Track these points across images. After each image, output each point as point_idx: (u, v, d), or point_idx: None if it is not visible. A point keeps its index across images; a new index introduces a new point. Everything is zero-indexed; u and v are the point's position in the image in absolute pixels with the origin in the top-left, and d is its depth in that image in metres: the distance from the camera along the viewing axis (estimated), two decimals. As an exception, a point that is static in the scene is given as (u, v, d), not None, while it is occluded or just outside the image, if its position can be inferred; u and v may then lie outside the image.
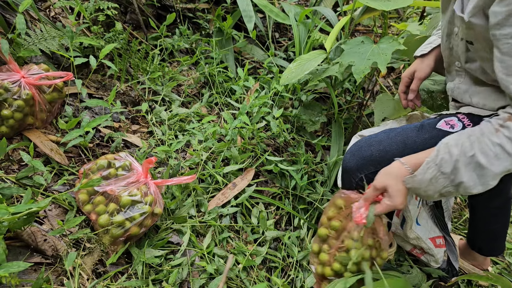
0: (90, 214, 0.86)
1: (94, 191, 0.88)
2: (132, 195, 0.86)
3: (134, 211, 0.85)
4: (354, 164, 0.86)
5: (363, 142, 0.88)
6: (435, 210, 1.15)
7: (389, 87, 1.87)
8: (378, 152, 0.84)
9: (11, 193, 0.82)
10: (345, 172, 0.90)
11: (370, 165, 0.84)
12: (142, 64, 1.37)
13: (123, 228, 0.84)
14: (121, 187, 0.88)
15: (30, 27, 1.17)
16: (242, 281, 0.93)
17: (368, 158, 0.84)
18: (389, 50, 0.94)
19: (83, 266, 0.82)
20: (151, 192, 0.90)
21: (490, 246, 1.12)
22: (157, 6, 1.61)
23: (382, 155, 0.83)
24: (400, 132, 0.84)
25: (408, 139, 0.82)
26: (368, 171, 0.85)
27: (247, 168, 1.19)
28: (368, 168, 0.84)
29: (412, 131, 0.83)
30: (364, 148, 0.86)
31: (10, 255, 0.77)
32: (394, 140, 0.83)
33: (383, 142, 0.84)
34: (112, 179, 0.89)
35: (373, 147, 0.85)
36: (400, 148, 0.82)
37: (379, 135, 0.87)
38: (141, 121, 1.28)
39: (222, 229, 1.03)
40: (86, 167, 0.92)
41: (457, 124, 0.78)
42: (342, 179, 0.93)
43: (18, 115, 0.97)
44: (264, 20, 1.77)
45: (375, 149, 0.84)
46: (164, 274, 0.87)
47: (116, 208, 0.85)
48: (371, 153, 0.84)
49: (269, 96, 1.34)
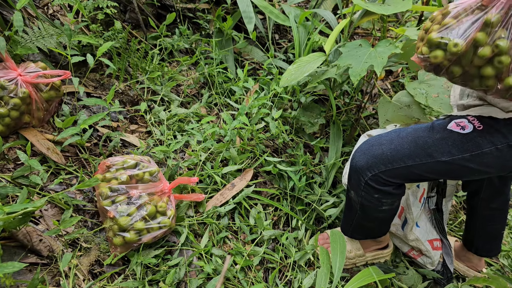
0: (108, 211, 0.83)
1: (116, 189, 0.85)
2: (158, 206, 0.85)
3: (154, 222, 0.84)
4: (364, 162, 0.86)
5: (373, 141, 0.88)
6: (435, 213, 1.16)
7: (387, 90, 1.88)
8: (389, 151, 0.84)
9: (6, 192, 0.80)
10: (354, 171, 0.89)
11: (381, 163, 0.84)
12: (141, 64, 1.36)
13: (140, 235, 0.83)
14: (145, 193, 0.86)
15: (27, 25, 1.16)
16: (240, 281, 0.93)
17: (379, 156, 0.84)
18: (386, 53, 0.94)
19: (79, 266, 0.81)
20: (172, 206, 0.89)
21: (487, 246, 1.13)
22: (157, 6, 1.60)
23: (393, 154, 0.83)
24: (411, 132, 0.85)
25: (419, 139, 0.82)
26: (378, 170, 0.85)
27: (246, 169, 1.18)
28: (379, 166, 0.84)
29: (423, 132, 0.83)
30: (375, 147, 0.86)
31: (5, 255, 0.76)
32: (405, 139, 0.83)
33: (394, 141, 0.84)
34: (136, 182, 0.87)
35: (384, 146, 0.85)
36: (412, 148, 0.82)
37: (389, 134, 0.87)
38: (140, 121, 1.28)
39: (220, 229, 1.02)
40: (110, 162, 0.89)
41: (467, 126, 0.79)
42: (349, 177, 0.93)
43: (14, 113, 0.96)
44: (264, 21, 1.77)
45: (386, 148, 0.84)
46: (161, 274, 0.86)
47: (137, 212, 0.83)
48: (382, 152, 0.84)
49: (269, 98, 1.34)
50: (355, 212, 0.97)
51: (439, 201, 1.16)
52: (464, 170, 0.79)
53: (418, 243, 1.11)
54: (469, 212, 1.16)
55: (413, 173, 0.83)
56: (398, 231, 1.13)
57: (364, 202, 0.91)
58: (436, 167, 0.80)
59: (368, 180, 0.86)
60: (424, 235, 1.12)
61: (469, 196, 1.14)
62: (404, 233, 1.11)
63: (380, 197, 0.88)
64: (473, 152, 0.77)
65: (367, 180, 0.86)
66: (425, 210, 1.15)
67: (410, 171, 0.82)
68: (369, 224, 1.00)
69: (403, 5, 1.03)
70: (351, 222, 1.01)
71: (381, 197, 0.88)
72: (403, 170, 0.83)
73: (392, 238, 1.18)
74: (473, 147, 0.76)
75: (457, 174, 0.83)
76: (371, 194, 0.88)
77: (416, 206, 1.08)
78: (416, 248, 1.14)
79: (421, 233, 1.11)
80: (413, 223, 1.09)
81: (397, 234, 1.14)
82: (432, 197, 1.15)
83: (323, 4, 1.74)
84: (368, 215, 0.95)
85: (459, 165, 0.79)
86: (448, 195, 1.17)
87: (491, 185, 1.06)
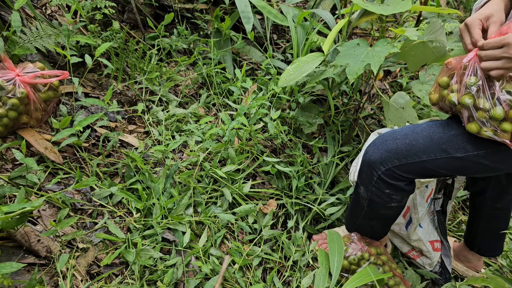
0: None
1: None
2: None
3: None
4: (378, 157, 0.86)
5: (387, 136, 0.88)
6: (440, 215, 1.16)
7: (386, 90, 1.88)
8: (404, 145, 0.84)
9: (3, 192, 0.80)
10: (367, 165, 0.89)
11: (395, 158, 0.84)
12: (140, 64, 1.36)
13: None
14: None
15: (25, 25, 1.16)
16: (238, 281, 0.93)
17: (394, 151, 0.84)
18: (383, 52, 0.94)
19: (77, 267, 0.81)
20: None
21: (490, 246, 1.13)
22: (155, 6, 1.60)
23: (408, 148, 0.83)
24: (426, 127, 0.85)
25: (435, 134, 0.83)
26: (392, 164, 0.85)
27: (245, 169, 1.18)
28: (393, 161, 0.85)
29: (438, 127, 0.84)
30: (389, 142, 0.86)
31: (3, 256, 0.76)
32: (420, 134, 0.84)
33: (408, 136, 0.85)
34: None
35: (399, 140, 0.85)
36: (427, 143, 0.82)
37: (404, 129, 0.88)
38: (138, 121, 1.28)
39: (219, 228, 1.02)
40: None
41: None
42: (360, 172, 0.93)
43: (12, 113, 0.96)
44: (262, 21, 1.77)
45: (401, 143, 0.84)
46: (159, 274, 0.86)
47: None
48: (397, 146, 0.84)
49: (267, 98, 1.34)
50: (361, 209, 0.97)
51: (444, 203, 1.16)
52: (478, 166, 0.80)
53: (420, 244, 1.11)
54: (472, 211, 1.16)
55: (427, 169, 0.83)
56: (401, 230, 1.13)
57: (373, 198, 0.91)
58: (451, 163, 0.81)
59: (381, 175, 0.86)
60: (426, 236, 1.12)
61: (473, 195, 1.14)
62: (408, 233, 1.11)
63: (391, 193, 0.88)
64: (488, 149, 0.78)
65: (380, 174, 0.86)
66: (428, 211, 1.15)
67: (424, 166, 0.83)
68: (373, 222, 1.00)
69: (402, 5, 1.03)
70: (356, 219, 1.02)
71: (392, 193, 0.88)
72: (417, 165, 0.84)
73: (392, 238, 1.19)
74: (488, 144, 0.77)
75: (470, 171, 0.84)
76: (382, 189, 0.88)
77: (423, 206, 1.08)
78: (417, 249, 1.14)
79: (423, 234, 1.11)
80: (418, 223, 1.09)
81: (400, 234, 1.14)
82: (439, 199, 1.15)
83: (321, 4, 1.74)
84: (375, 211, 0.95)
85: (473, 161, 0.79)
86: (453, 196, 1.17)
87: (498, 184, 1.07)
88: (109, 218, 0.94)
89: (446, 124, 0.83)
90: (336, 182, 1.33)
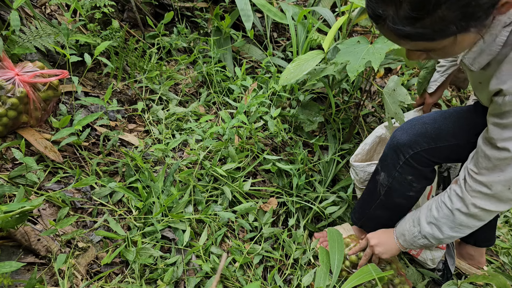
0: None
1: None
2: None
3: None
4: (406, 140, 0.88)
5: (415, 121, 0.90)
6: None
7: (387, 87, 1.87)
8: (433, 129, 0.86)
9: (3, 191, 0.80)
10: (394, 149, 0.90)
11: (424, 141, 0.86)
12: (139, 63, 1.36)
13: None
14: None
15: (25, 24, 1.16)
16: (238, 280, 0.93)
17: (423, 135, 0.86)
18: (384, 50, 0.94)
19: (77, 266, 0.81)
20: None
21: (484, 236, 1.14)
22: (154, 4, 1.60)
23: (437, 132, 0.86)
24: (453, 113, 0.87)
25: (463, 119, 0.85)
26: (421, 147, 0.86)
27: (245, 167, 1.18)
28: (421, 144, 0.86)
29: (466, 112, 0.86)
30: (418, 126, 0.88)
31: (3, 255, 0.76)
32: (448, 119, 0.86)
33: (437, 121, 0.87)
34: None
35: (428, 125, 0.87)
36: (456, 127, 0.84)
37: (432, 114, 0.90)
38: (138, 120, 1.27)
39: (219, 226, 1.02)
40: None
41: None
42: (384, 157, 0.94)
43: (12, 113, 0.95)
44: (262, 19, 1.76)
45: (430, 127, 0.87)
46: (159, 273, 0.86)
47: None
48: (426, 130, 0.87)
49: (267, 96, 1.34)
50: (377, 197, 0.98)
51: None
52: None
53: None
54: None
55: (455, 153, 0.85)
56: None
57: (394, 184, 0.92)
58: None
59: (409, 158, 0.87)
60: None
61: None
62: None
63: (413, 179, 0.90)
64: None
65: (408, 158, 0.88)
66: None
67: (452, 150, 0.85)
68: (384, 213, 1.00)
69: (402, 1, 1.02)
70: (367, 209, 1.02)
71: (414, 179, 0.90)
72: (446, 149, 0.85)
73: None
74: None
75: None
76: (405, 174, 0.90)
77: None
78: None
79: None
80: None
81: None
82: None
83: (321, 2, 1.73)
84: (391, 200, 0.96)
85: None
86: None
87: None
88: (109, 216, 0.94)
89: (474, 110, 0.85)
90: (337, 180, 1.33)
